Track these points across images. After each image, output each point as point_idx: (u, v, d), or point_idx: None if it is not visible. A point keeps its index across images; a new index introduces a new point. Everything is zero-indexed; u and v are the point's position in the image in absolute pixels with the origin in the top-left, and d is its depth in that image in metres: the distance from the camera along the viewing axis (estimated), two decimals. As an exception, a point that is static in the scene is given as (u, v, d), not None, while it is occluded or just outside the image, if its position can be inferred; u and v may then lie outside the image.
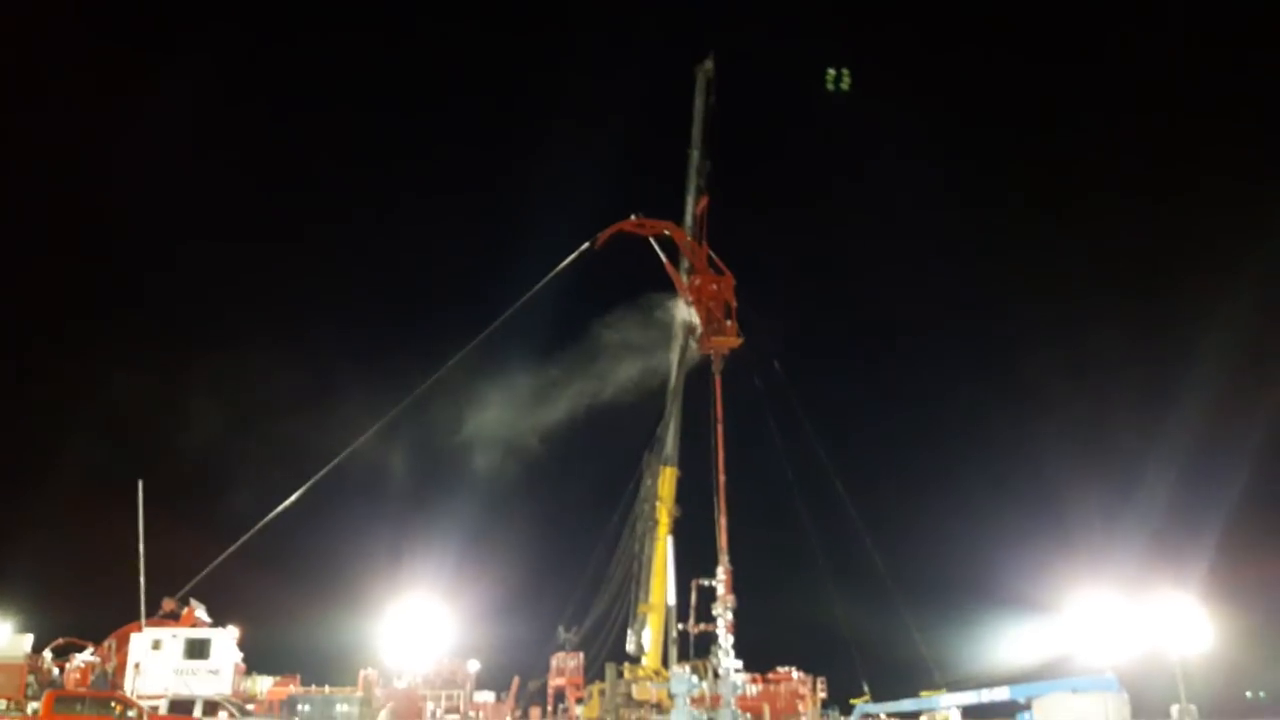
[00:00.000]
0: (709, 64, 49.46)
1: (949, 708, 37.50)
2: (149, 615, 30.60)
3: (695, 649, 40.76)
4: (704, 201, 47.20)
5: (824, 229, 78.66)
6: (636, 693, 37.34)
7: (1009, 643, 47.53)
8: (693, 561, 42.31)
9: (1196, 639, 48.12)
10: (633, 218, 46.26)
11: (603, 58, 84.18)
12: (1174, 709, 47.33)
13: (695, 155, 48.37)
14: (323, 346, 71.76)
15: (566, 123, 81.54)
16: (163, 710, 25.34)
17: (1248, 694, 60.92)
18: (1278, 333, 58.65)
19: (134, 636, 28.55)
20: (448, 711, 33.67)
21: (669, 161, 49.16)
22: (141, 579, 17.43)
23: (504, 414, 47.08)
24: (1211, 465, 57.32)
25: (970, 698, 32.17)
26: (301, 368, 61.87)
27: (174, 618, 31.19)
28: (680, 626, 41.19)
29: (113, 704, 22.91)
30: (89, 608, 33.02)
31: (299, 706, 31.12)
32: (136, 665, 28.47)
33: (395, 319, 79.85)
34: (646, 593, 42.75)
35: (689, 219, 47.15)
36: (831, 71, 49.74)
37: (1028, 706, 28.78)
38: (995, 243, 76.06)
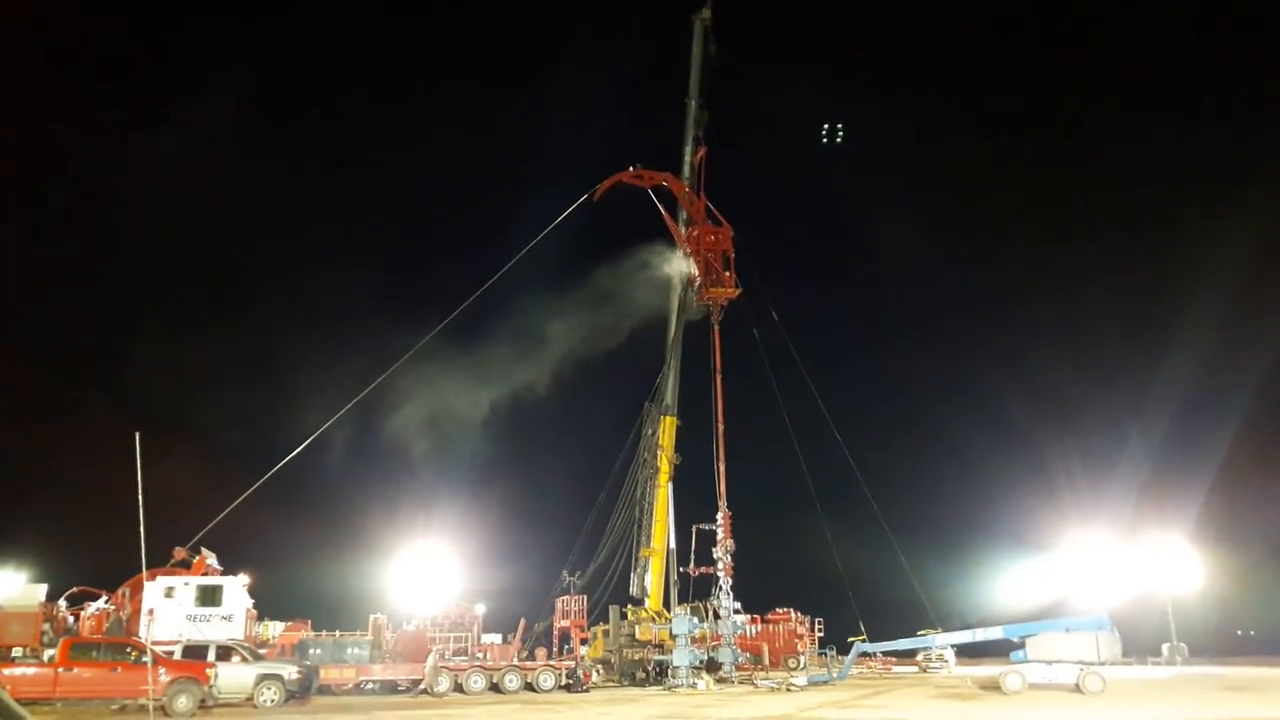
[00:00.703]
0: (706, 12, 49.04)
1: (944, 647, 38.39)
2: (161, 565, 31.23)
3: (696, 591, 41.67)
4: (702, 152, 47.12)
5: (816, 176, 78.75)
6: (639, 633, 38.24)
7: (1004, 585, 48.52)
8: (693, 507, 43.09)
9: (1187, 579, 49.22)
10: (631, 169, 46.22)
11: (605, 7, 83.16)
12: (1165, 647, 48.54)
13: (693, 105, 48.16)
14: (327, 296, 72.11)
15: (567, 74, 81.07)
16: (177, 656, 25.90)
17: (1238, 632, 62.22)
18: (1270, 282, 58.74)
19: (147, 584, 29.07)
20: (456, 653, 34.43)
21: (671, 112, 49.03)
22: (141, 529, 17.77)
23: (508, 362, 47.51)
24: (1203, 409, 57.96)
25: (965, 637, 32.82)
26: (308, 318, 62.35)
27: (185, 566, 31.76)
28: (681, 569, 42.02)
29: (128, 649, 23.41)
30: (102, 556, 33.59)
31: (310, 650, 31.92)
32: (150, 612, 29.06)
33: (398, 269, 79.92)
34: (648, 537, 43.55)
35: (687, 170, 47.10)
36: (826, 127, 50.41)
37: (1021, 645, 29.40)
38: (988, 190, 75.85)
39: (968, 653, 42.33)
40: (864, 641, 36.11)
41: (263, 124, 75.60)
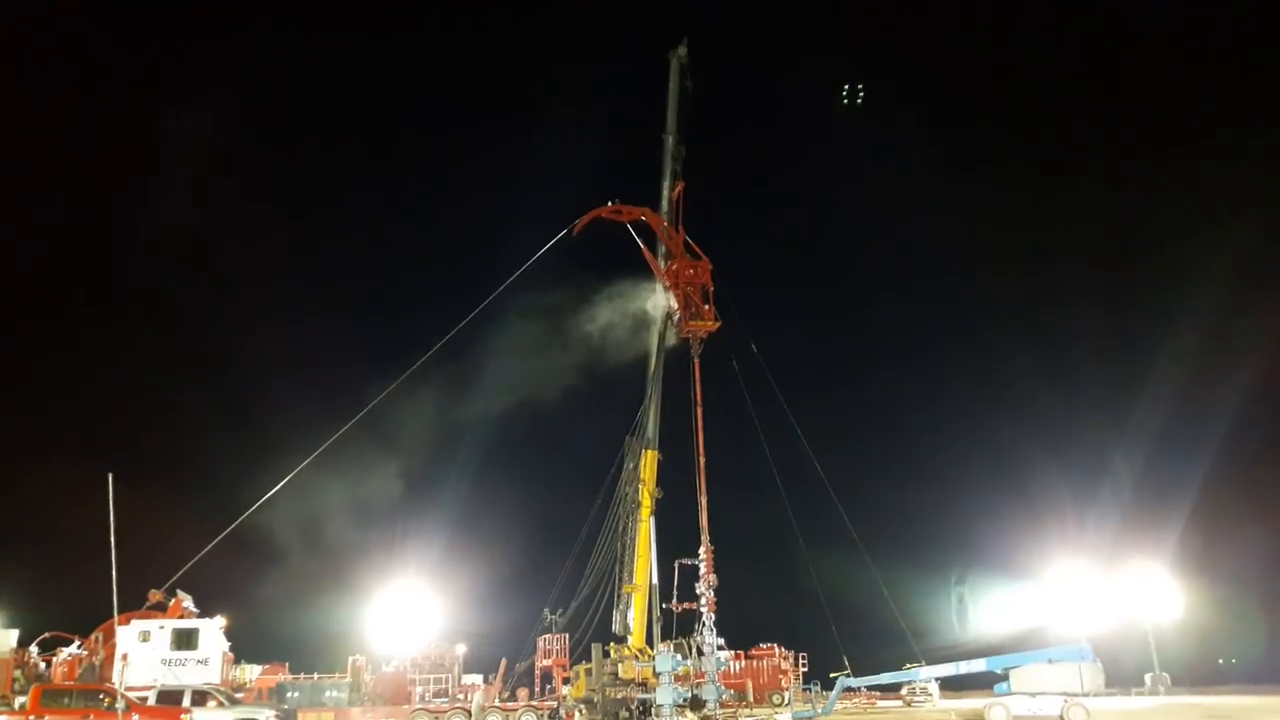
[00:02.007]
0: (682, 49, 49.62)
1: (928, 680, 38.25)
2: (136, 608, 30.72)
3: (679, 627, 41.36)
4: (680, 186, 47.48)
5: (797, 208, 79.52)
6: (623, 671, 37.81)
7: (987, 614, 48.53)
8: (675, 542, 42.89)
9: (1168, 609, 49.39)
10: (609, 204, 46.43)
11: (585, 44, 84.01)
12: (1148, 677, 48.58)
13: (670, 141, 48.57)
14: (301, 337, 71.61)
15: (545, 110, 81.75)
16: (151, 701, 25.42)
17: (1219, 661, 62.40)
18: (1247, 311, 59.66)
19: (121, 629, 28.61)
20: (436, 694, 33.98)
21: (651, 147, 49.42)
22: (113, 572, 17.55)
23: (487, 398, 47.39)
24: (1182, 439, 58.49)
25: (948, 670, 32.79)
26: (282, 359, 61.88)
27: (161, 609, 31.27)
28: (664, 605, 41.74)
29: (101, 696, 22.99)
30: (75, 601, 33.04)
31: (288, 694, 31.42)
32: (124, 657, 28.57)
33: (372, 310, 79.75)
34: (630, 573, 43.23)
35: (665, 204, 47.42)
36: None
37: (1005, 677, 29.38)
38: (967, 217, 76.64)
39: (951, 685, 42.21)
40: (848, 676, 35.95)
41: (235, 158, 75.34)
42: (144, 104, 74.86)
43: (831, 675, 36.36)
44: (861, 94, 50.36)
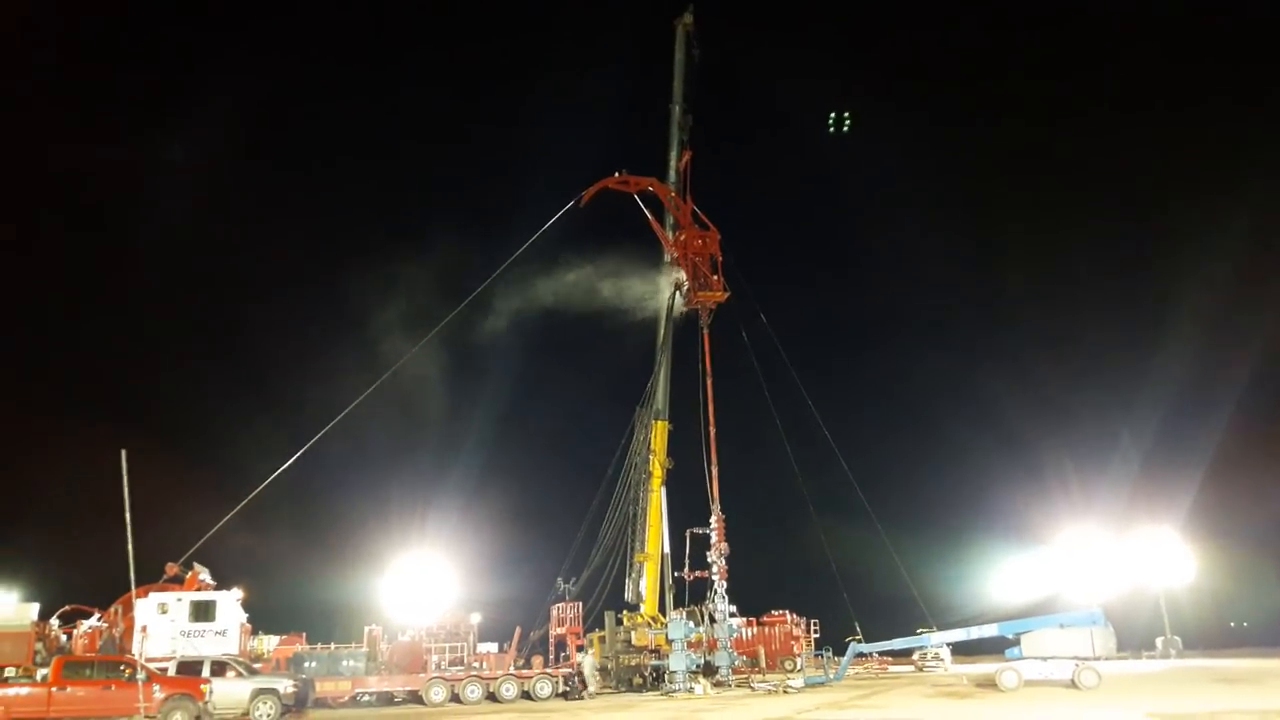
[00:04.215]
0: (688, 17, 49.28)
1: (940, 645, 38.43)
2: (154, 581, 31.06)
3: (691, 595, 41.61)
4: (687, 156, 47.29)
5: (804, 176, 78.94)
6: (635, 639, 38.18)
7: (999, 581, 48.68)
8: (687, 511, 43.08)
9: (1180, 573, 49.46)
10: (617, 175, 46.27)
11: (587, 14, 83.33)
12: (1159, 640, 48.76)
13: (676, 110, 48.35)
14: (315, 307, 71.84)
15: (552, 81, 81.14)
16: (171, 672, 25.77)
17: (1230, 624, 62.54)
18: (1262, 275, 59.18)
19: (140, 601, 28.94)
20: (452, 663, 34.34)
21: (657, 117, 49.16)
22: (130, 546, 17.77)
23: (498, 369, 47.56)
24: (1195, 403, 58.22)
25: (960, 635, 32.90)
26: (297, 328, 62.17)
27: (179, 581, 31.61)
28: (676, 574, 41.97)
29: (122, 667, 23.30)
30: (95, 574, 33.40)
31: (305, 664, 31.79)
32: (143, 629, 28.94)
33: (383, 280, 79.55)
34: (642, 543, 43.55)
35: (672, 174, 47.23)
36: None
37: (1016, 642, 29.48)
38: (979, 185, 76.02)
39: (963, 650, 42.38)
40: (860, 642, 36.16)
41: (248, 127, 75.10)
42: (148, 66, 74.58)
43: (844, 641, 36.61)
44: (849, 123, 49.84)
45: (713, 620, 37.14)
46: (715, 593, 37.47)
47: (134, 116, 72.60)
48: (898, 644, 35.77)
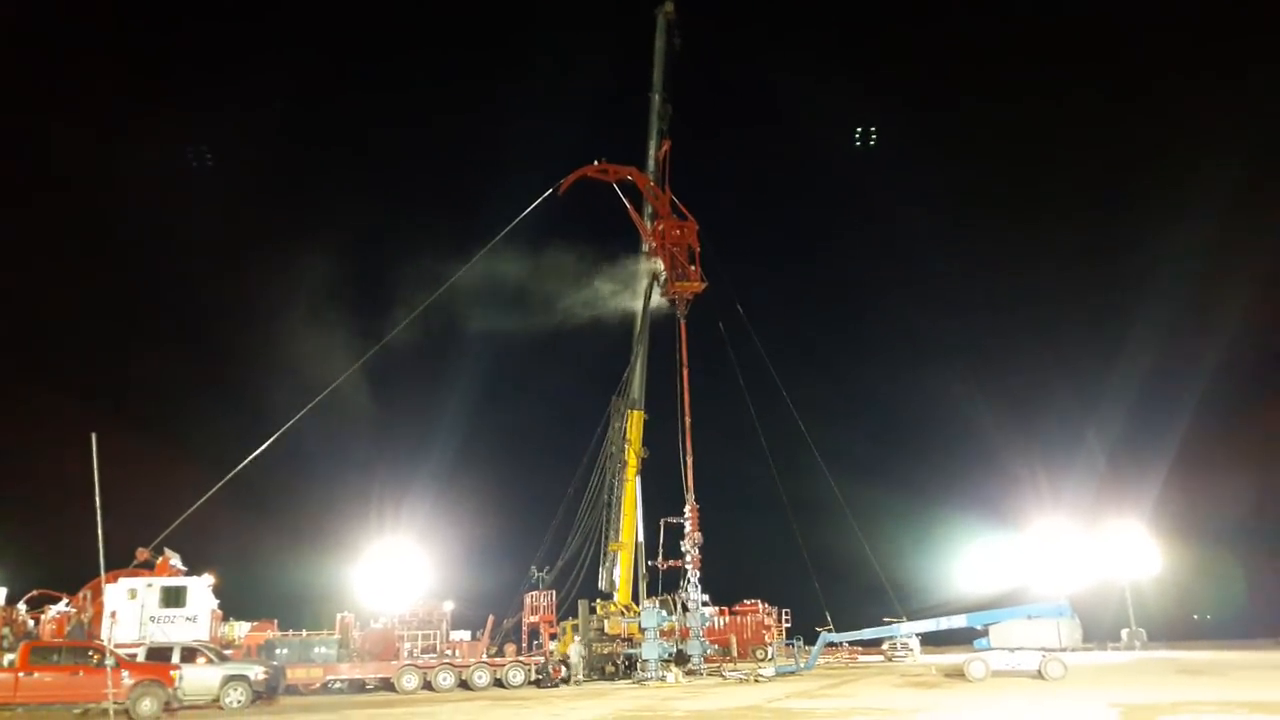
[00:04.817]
0: (669, 5, 49.15)
1: (909, 635, 38.84)
2: (124, 566, 30.81)
3: (665, 584, 41.78)
4: (666, 146, 47.25)
5: (780, 167, 79.07)
6: (609, 627, 38.33)
7: (968, 571, 49.30)
8: (661, 500, 43.23)
9: (1146, 566, 50.26)
10: (595, 163, 46.12)
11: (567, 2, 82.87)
12: (1124, 632, 49.55)
13: (656, 99, 48.25)
14: (285, 294, 70.98)
15: (531, 68, 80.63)
16: (140, 658, 25.57)
17: (1194, 616, 63.61)
18: (1225, 273, 60.01)
19: (109, 586, 28.68)
20: (424, 650, 34.32)
21: (638, 106, 49.04)
22: (99, 531, 17.59)
23: (473, 358, 47.42)
24: (1161, 397, 59.10)
25: (929, 625, 33.29)
26: (268, 314, 61.51)
27: (149, 567, 31.36)
28: (649, 563, 42.13)
29: (90, 653, 23.07)
30: (63, 559, 33.07)
31: (277, 650, 31.67)
32: (113, 614, 28.70)
33: (357, 267, 78.94)
34: (617, 531, 43.66)
35: (651, 164, 47.17)
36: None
37: (984, 633, 29.86)
38: (951, 181, 76.52)
39: (932, 641, 42.88)
40: (830, 631, 36.47)
41: (227, 113, 74.14)
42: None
43: (815, 630, 36.93)
44: (874, 137, 50.16)
45: (685, 609, 37.32)
46: (688, 581, 37.65)
47: (95, 105, 71.20)
48: (867, 634, 36.14)
